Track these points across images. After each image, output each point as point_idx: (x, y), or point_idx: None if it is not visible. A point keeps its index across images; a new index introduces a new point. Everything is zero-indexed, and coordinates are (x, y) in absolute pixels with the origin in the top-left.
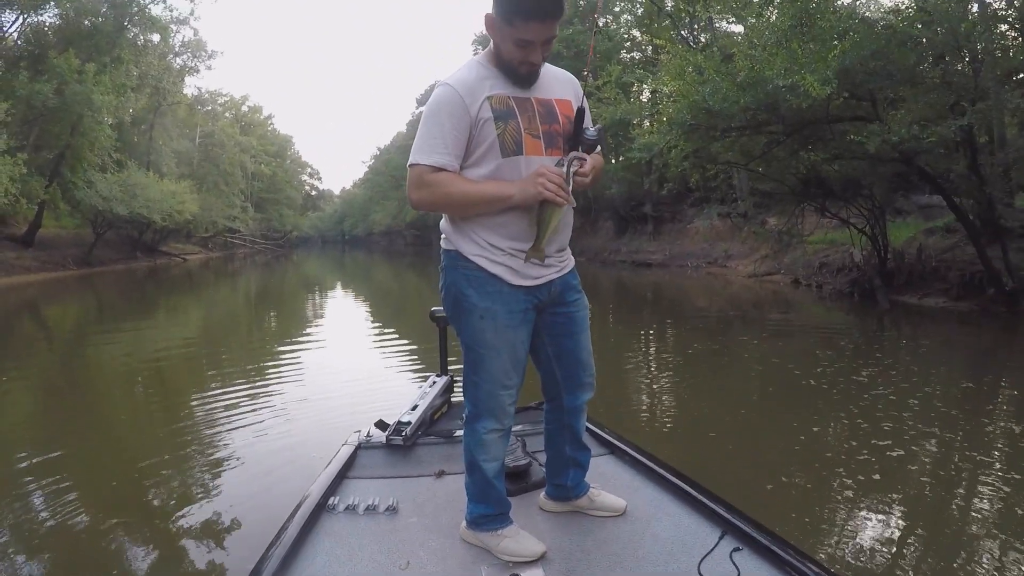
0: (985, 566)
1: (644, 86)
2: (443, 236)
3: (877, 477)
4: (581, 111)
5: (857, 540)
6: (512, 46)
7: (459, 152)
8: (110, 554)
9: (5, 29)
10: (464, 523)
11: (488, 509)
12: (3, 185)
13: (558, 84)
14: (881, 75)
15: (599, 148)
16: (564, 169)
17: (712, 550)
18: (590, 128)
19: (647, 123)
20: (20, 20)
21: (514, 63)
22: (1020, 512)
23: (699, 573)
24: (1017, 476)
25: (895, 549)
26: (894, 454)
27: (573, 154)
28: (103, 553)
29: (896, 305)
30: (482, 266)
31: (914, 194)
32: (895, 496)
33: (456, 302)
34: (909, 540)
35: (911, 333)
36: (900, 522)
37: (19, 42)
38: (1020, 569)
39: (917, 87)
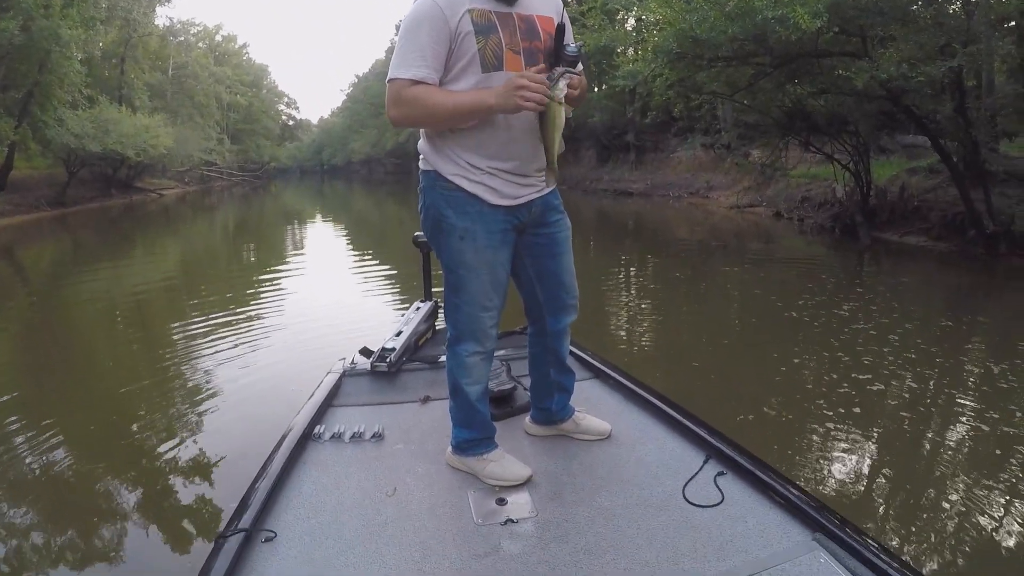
0: (952, 497)
1: (629, 14)
2: (421, 157)
3: (857, 410)
4: (562, 27)
5: (837, 468)
6: None
7: (438, 66)
8: (96, 493)
9: None
10: (450, 448)
11: (473, 433)
12: None
13: (540, 1)
14: (873, 11)
15: (580, 68)
16: (554, 82)
17: (696, 474)
18: (571, 44)
19: (631, 51)
20: None
21: None
22: (990, 448)
23: (684, 496)
24: (992, 413)
25: (872, 478)
26: (874, 388)
27: (561, 69)
28: (88, 492)
29: (877, 242)
30: (461, 186)
31: (899, 133)
32: (874, 429)
33: (435, 223)
34: (885, 470)
35: (891, 270)
36: (878, 453)
37: None
38: (985, 502)
39: (908, 26)
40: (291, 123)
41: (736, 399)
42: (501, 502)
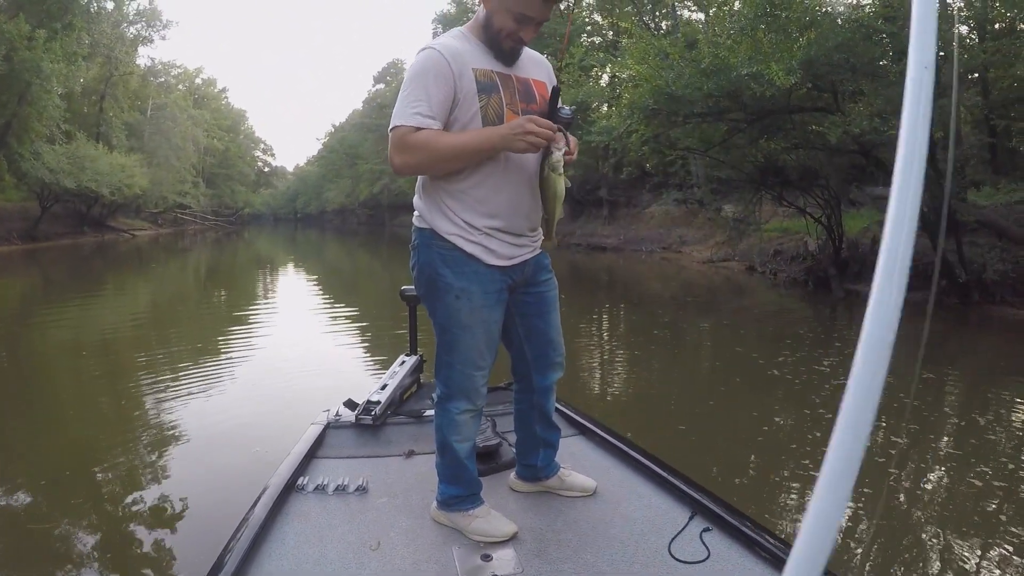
0: (940, 549)
1: (604, 71)
2: (416, 214)
3: None
4: (556, 91)
5: None
6: (509, 19)
7: (443, 115)
8: (58, 544)
9: None
10: (435, 503)
11: (459, 490)
12: None
13: (534, 66)
14: (844, 67)
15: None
16: (551, 159)
17: (682, 530)
18: (564, 108)
19: (605, 108)
20: None
21: (502, 36)
22: (978, 502)
23: (670, 553)
24: (981, 467)
25: (856, 534)
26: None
27: (564, 114)
28: (54, 543)
29: (850, 294)
30: (458, 245)
31: (868, 185)
32: (862, 488)
33: (431, 282)
34: (869, 526)
35: None
36: (862, 509)
37: None
38: (967, 552)
39: (877, 80)
40: (267, 170)
41: (720, 458)
42: (486, 558)
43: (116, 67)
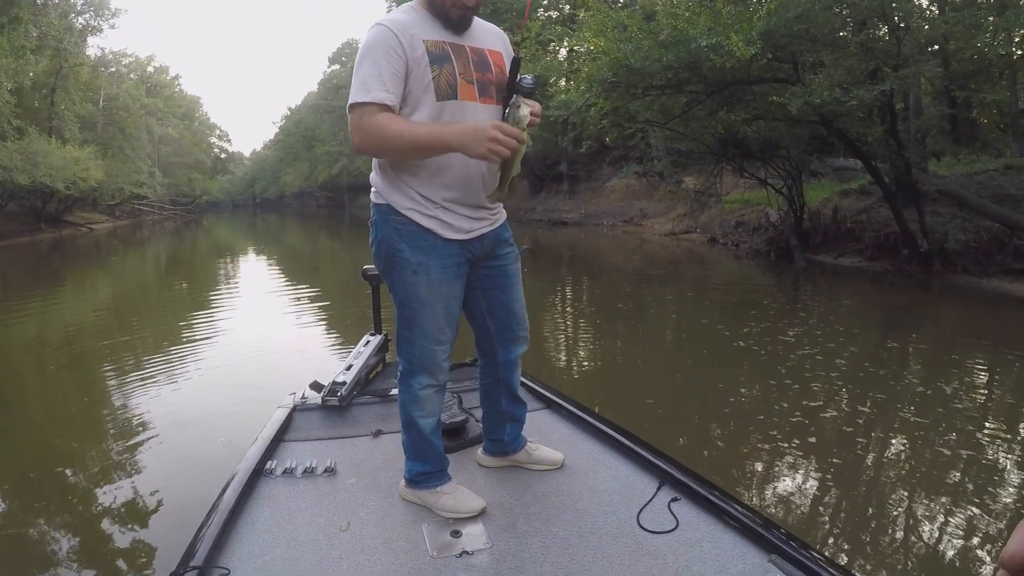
0: (898, 513)
1: (561, 45)
2: (373, 190)
3: (812, 439)
4: (517, 61)
5: (789, 492)
6: None
7: (398, 90)
8: (34, 546)
9: None
10: (403, 482)
11: (426, 466)
12: None
13: (489, 36)
14: (804, 38)
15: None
16: (517, 112)
17: (650, 500)
18: (526, 77)
19: (563, 82)
20: None
21: (447, 5)
22: (934, 464)
23: (639, 524)
24: (938, 430)
25: (823, 499)
26: (825, 415)
27: (518, 99)
28: (27, 545)
29: (812, 264)
30: (414, 220)
31: (830, 156)
32: (825, 452)
33: (388, 257)
34: (836, 491)
35: (831, 292)
36: (829, 475)
37: None
38: (930, 516)
39: (839, 52)
40: (223, 156)
41: (688, 430)
42: (456, 534)
43: (66, 59)
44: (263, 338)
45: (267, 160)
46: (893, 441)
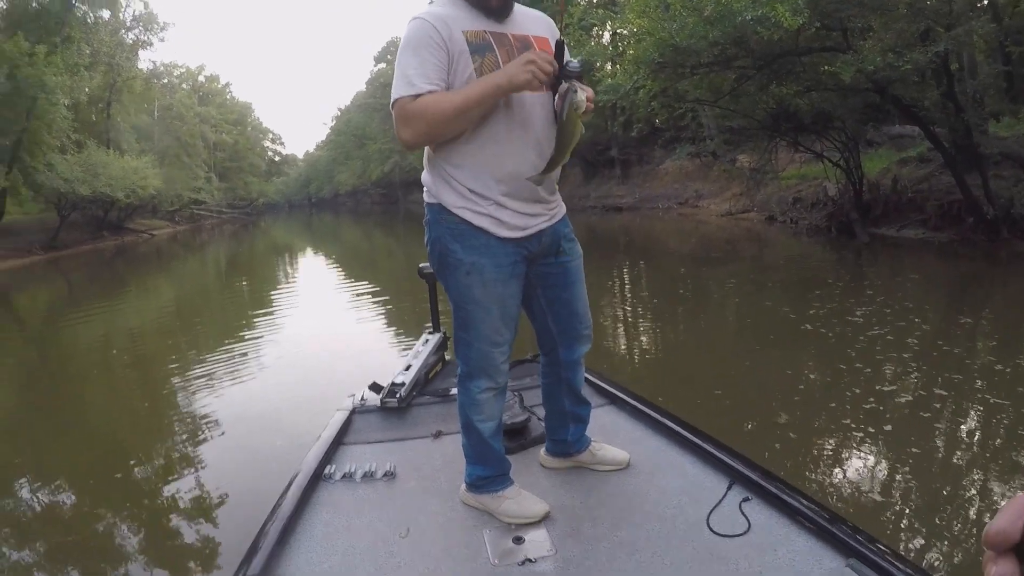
0: (987, 517)
1: (605, 28)
2: (425, 189)
3: (887, 427)
4: (561, 44)
5: (868, 488)
6: None
7: (441, 80)
8: (98, 536)
9: None
10: (464, 485)
11: (487, 470)
12: None
13: (532, 22)
14: (852, 3)
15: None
16: (575, 98)
17: (721, 501)
18: (572, 61)
19: (609, 66)
20: None
21: None
22: None
23: (708, 526)
24: None
25: (906, 496)
26: (901, 400)
27: (573, 83)
28: (91, 536)
29: (875, 238)
30: (466, 219)
31: (885, 124)
32: (905, 442)
33: (442, 258)
34: (919, 487)
35: (896, 267)
36: (911, 468)
37: None
38: None
39: (887, 15)
40: (277, 159)
41: (757, 421)
42: (518, 540)
43: (119, 73)
44: (323, 336)
45: (320, 160)
46: (973, 426)
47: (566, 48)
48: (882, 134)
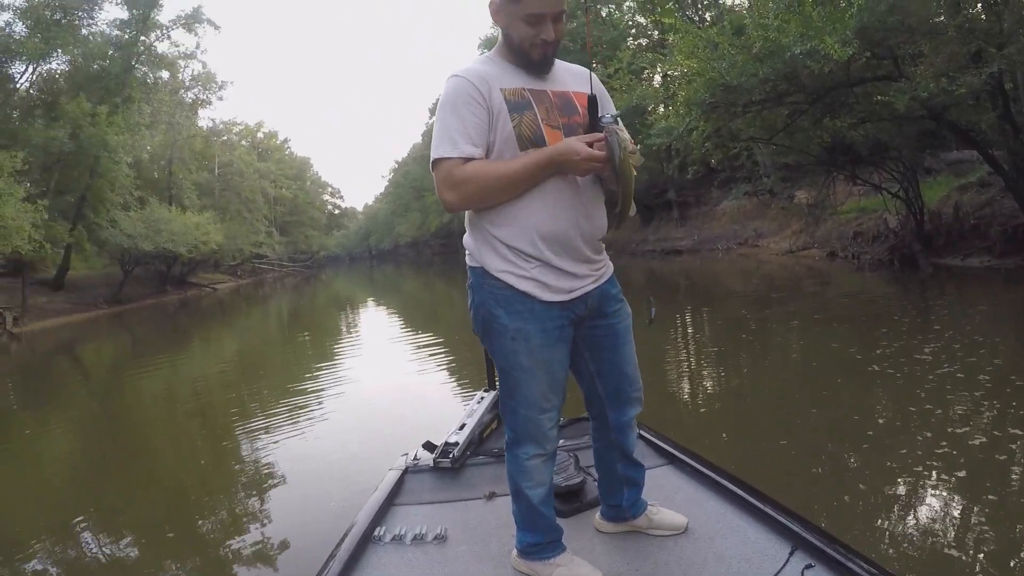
0: None
1: (655, 72)
2: (467, 252)
3: (961, 473)
4: (594, 98)
5: (939, 550)
6: (522, 25)
7: (483, 143)
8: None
9: (16, 80)
10: (515, 551)
11: (538, 537)
12: (26, 232)
13: (572, 78)
14: (900, 30)
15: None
16: (619, 136)
17: (782, 568)
18: (606, 116)
19: (662, 109)
20: (30, 70)
21: (525, 46)
22: None
23: None
24: None
25: (977, 552)
26: (975, 443)
27: (606, 121)
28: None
29: (939, 268)
30: (510, 283)
31: (942, 151)
32: (982, 493)
33: (486, 323)
34: (1001, 542)
35: (962, 298)
36: (988, 522)
37: (31, 91)
38: None
39: (937, 38)
40: (336, 212)
41: (824, 470)
42: None
43: (179, 132)
44: (383, 390)
45: (379, 213)
46: None
47: (606, 99)
48: (940, 161)
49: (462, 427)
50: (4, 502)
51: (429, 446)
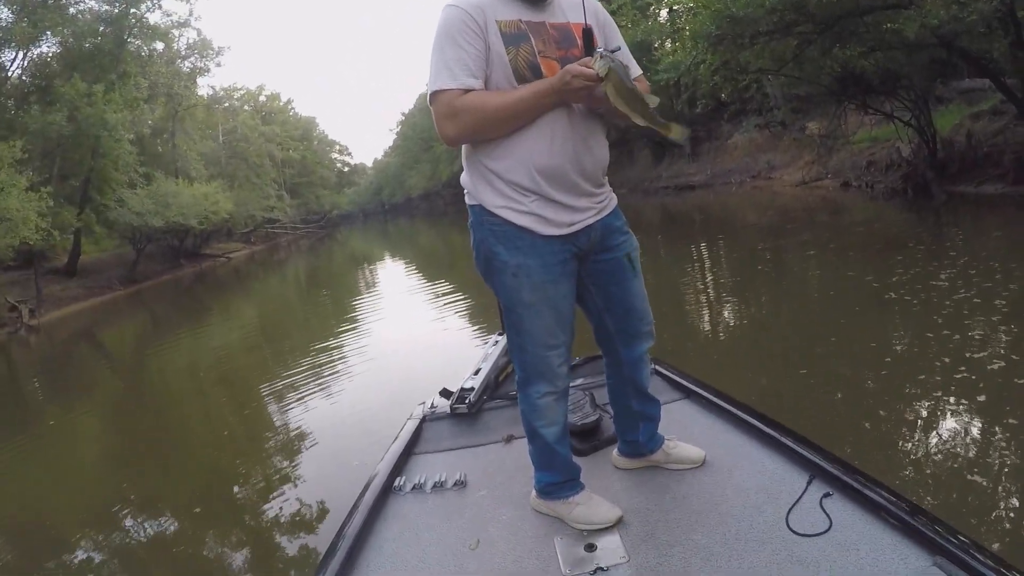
0: None
1: (661, 6)
2: (465, 191)
3: (981, 397)
4: (588, 31)
5: (959, 476)
6: None
7: (482, 74)
8: (201, 555)
9: (8, 68)
10: (534, 492)
11: (555, 476)
12: (33, 222)
13: (573, 10)
14: None
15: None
16: (604, 61)
17: (800, 498)
18: (600, 49)
19: (668, 44)
20: (20, 56)
21: None
22: None
23: (787, 525)
24: None
25: (1000, 484)
26: (993, 367)
27: (599, 52)
28: (203, 563)
29: (952, 196)
30: (508, 219)
31: (954, 79)
32: (1002, 418)
33: (487, 261)
34: (1017, 472)
35: (977, 225)
36: (1008, 450)
37: (24, 78)
38: None
39: None
40: (346, 169)
41: (840, 401)
42: (590, 548)
43: (179, 102)
44: (403, 340)
45: (390, 166)
46: None
47: (613, 31)
48: (952, 89)
49: (477, 372)
50: (45, 494)
51: (445, 393)
